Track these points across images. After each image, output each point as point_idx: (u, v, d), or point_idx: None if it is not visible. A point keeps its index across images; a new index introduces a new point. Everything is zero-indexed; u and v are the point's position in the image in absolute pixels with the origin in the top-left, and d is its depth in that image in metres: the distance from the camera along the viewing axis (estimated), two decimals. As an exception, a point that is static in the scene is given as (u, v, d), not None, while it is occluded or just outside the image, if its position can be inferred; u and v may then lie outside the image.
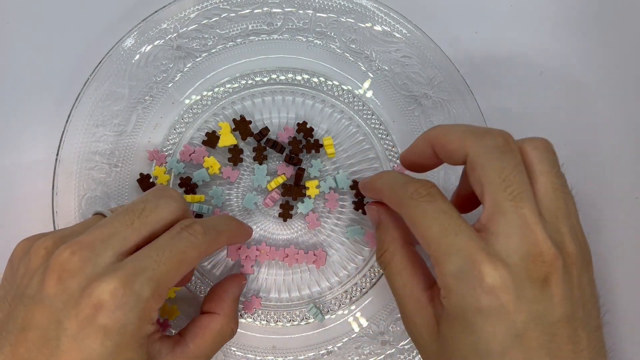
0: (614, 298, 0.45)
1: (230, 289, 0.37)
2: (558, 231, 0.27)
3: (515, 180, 0.27)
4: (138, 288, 0.27)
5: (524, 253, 0.26)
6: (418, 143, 0.32)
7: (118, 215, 0.30)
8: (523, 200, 0.26)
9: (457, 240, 0.27)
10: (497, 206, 0.27)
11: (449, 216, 0.28)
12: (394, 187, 0.31)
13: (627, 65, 0.46)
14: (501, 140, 0.28)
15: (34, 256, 0.29)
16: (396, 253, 0.32)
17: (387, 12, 0.42)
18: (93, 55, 0.41)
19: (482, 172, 0.27)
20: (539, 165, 0.28)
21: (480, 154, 0.28)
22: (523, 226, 0.26)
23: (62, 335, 0.26)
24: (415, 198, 0.29)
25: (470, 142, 0.28)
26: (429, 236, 0.28)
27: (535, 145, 0.29)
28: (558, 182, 0.28)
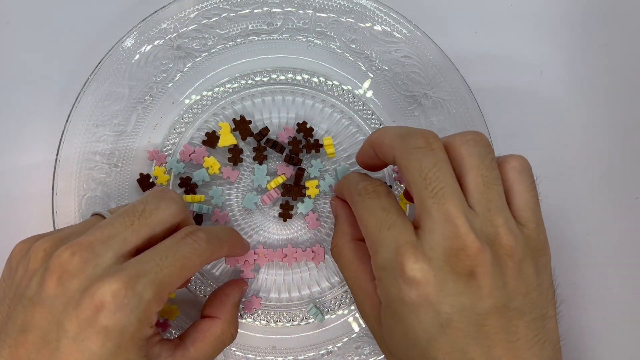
0: (613, 298, 0.45)
1: (232, 293, 0.37)
2: (492, 224, 0.27)
3: (434, 178, 0.27)
4: (140, 290, 0.27)
5: (446, 247, 0.27)
6: (364, 146, 0.34)
7: (118, 216, 0.30)
8: (445, 196, 0.27)
9: (388, 234, 0.28)
10: (422, 204, 0.28)
11: (387, 212, 0.29)
12: (350, 184, 0.33)
13: (627, 65, 0.46)
14: (422, 140, 0.29)
15: (33, 257, 0.29)
16: (344, 246, 0.34)
17: (387, 12, 0.42)
18: (93, 55, 0.41)
19: (407, 173, 0.28)
20: (468, 160, 0.28)
21: (403, 155, 0.29)
22: (446, 222, 0.27)
23: (62, 337, 0.26)
24: (362, 194, 0.31)
25: (396, 144, 0.29)
26: (367, 230, 0.30)
27: (464, 140, 0.29)
28: (488, 174, 0.28)
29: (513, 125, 0.45)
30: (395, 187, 0.43)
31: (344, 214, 0.36)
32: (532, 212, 0.29)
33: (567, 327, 0.44)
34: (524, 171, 0.30)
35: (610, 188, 0.45)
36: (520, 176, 0.29)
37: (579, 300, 0.44)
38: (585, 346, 0.44)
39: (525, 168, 0.30)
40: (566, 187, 0.45)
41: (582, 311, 0.44)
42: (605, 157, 0.46)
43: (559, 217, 0.45)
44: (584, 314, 0.44)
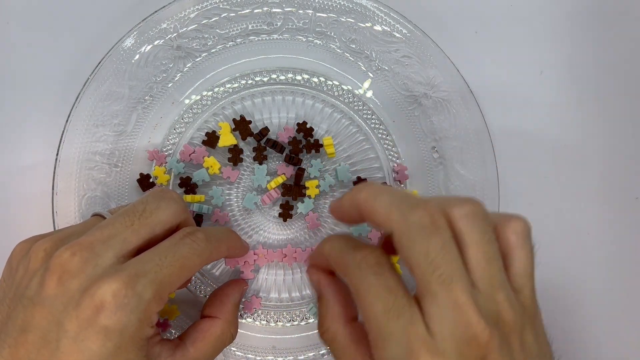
0: (613, 298, 0.45)
1: (232, 293, 0.37)
2: (494, 300, 0.26)
3: (443, 262, 0.26)
4: (140, 290, 0.27)
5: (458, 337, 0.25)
6: (345, 203, 0.30)
7: (118, 216, 0.30)
8: (453, 281, 0.25)
9: (397, 326, 0.26)
10: (427, 288, 0.26)
11: (395, 295, 0.26)
12: (342, 252, 0.29)
13: (627, 65, 0.46)
14: (427, 218, 0.26)
15: (34, 257, 0.29)
16: (338, 333, 0.30)
17: (387, 12, 0.42)
18: (93, 55, 0.41)
19: (409, 254, 0.26)
20: (469, 236, 0.27)
21: (405, 235, 0.26)
22: (455, 309, 0.25)
23: (62, 337, 0.26)
24: (362, 268, 0.28)
25: (395, 217, 0.27)
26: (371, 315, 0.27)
27: (463, 212, 0.27)
28: (490, 250, 0.27)
29: (513, 125, 0.45)
30: (395, 187, 0.43)
31: (331, 291, 0.32)
32: (529, 278, 0.28)
33: (567, 326, 0.44)
34: (526, 237, 0.29)
35: (610, 188, 0.45)
36: (522, 242, 0.28)
37: (579, 299, 0.44)
38: (585, 345, 0.44)
39: (527, 233, 0.29)
40: (566, 187, 0.45)
41: (582, 310, 0.44)
42: (605, 157, 0.46)
43: (559, 217, 0.45)
44: (584, 313, 0.44)
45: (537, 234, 0.45)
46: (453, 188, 0.42)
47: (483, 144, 0.42)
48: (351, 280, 0.28)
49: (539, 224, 0.45)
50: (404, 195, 0.28)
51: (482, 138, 0.42)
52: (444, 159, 0.43)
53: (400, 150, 0.43)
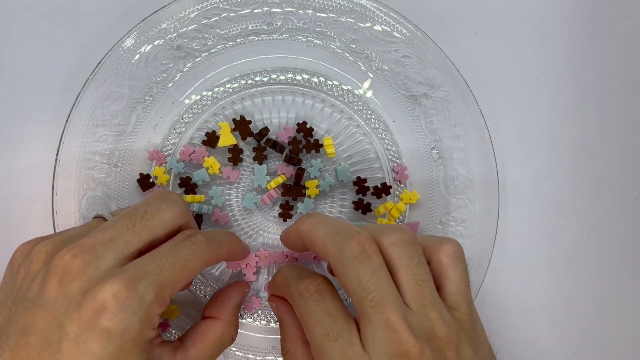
0: (613, 298, 0.45)
1: (233, 295, 0.37)
2: (427, 318, 0.29)
3: (374, 287, 0.28)
4: (142, 291, 0.27)
5: (391, 354, 0.27)
6: (291, 233, 0.33)
7: (119, 218, 0.30)
8: (384, 304, 0.28)
9: (336, 347, 0.28)
10: (362, 311, 0.28)
11: (334, 319, 0.29)
12: (289, 282, 0.32)
13: (626, 64, 0.46)
14: (357, 249, 0.29)
15: (35, 260, 0.29)
16: (297, 353, 0.33)
17: (387, 12, 0.42)
18: (93, 55, 0.41)
19: (344, 281, 0.29)
20: (398, 261, 0.29)
21: (339, 263, 0.29)
22: (387, 329, 0.28)
23: (64, 339, 0.26)
24: (304, 296, 0.30)
25: (329, 249, 0.30)
26: (312, 338, 0.29)
27: (392, 241, 0.30)
28: (419, 272, 0.29)
29: (513, 125, 0.45)
30: (395, 187, 0.43)
31: (289, 318, 0.34)
32: (463, 296, 0.31)
33: (569, 325, 0.44)
34: (457, 258, 0.31)
35: (610, 188, 0.45)
36: (454, 263, 0.31)
37: (579, 299, 0.45)
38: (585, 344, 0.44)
39: (458, 254, 0.31)
40: (566, 187, 0.45)
41: (582, 310, 0.44)
42: (605, 157, 0.46)
43: (558, 216, 0.45)
44: (584, 312, 0.44)
45: (538, 234, 0.46)
46: (453, 188, 0.42)
47: (483, 144, 0.42)
48: (296, 307, 0.31)
49: (539, 223, 0.46)
50: (340, 226, 0.30)
51: (482, 138, 0.42)
52: (444, 159, 0.43)
53: (400, 151, 0.43)
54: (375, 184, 0.42)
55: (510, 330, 0.44)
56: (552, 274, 0.45)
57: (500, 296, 0.44)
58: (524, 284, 0.44)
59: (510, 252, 0.44)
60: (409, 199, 0.42)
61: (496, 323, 0.44)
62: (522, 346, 0.44)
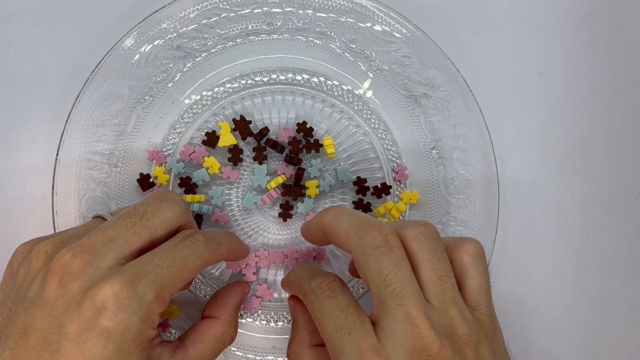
0: (613, 298, 0.45)
1: (233, 295, 0.37)
2: (447, 315, 0.28)
3: (395, 279, 0.28)
4: (141, 291, 0.27)
5: (409, 349, 0.27)
6: (312, 226, 0.33)
7: (119, 218, 0.30)
8: (405, 297, 0.27)
9: (350, 340, 0.28)
10: (382, 304, 0.28)
11: (346, 313, 0.29)
12: (302, 280, 0.32)
13: (627, 65, 0.46)
14: (380, 239, 0.29)
15: (35, 260, 0.29)
16: (302, 353, 0.33)
17: (387, 12, 0.42)
18: (93, 55, 0.41)
19: (365, 272, 0.29)
20: (420, 254, 0.29)
21: (361, 254, 0.29)
22: (407, 322, 0.27)
23: (63, 339, 0.26)
24: (316, 293, 0.30)
25: (352, 239, 0.30)
26: (326, 334, 0.29)
27: (414, 234, 0.29)
28: (442, 267, 0.29)
29: (513, 125, 0.45)
30: (395, 187, 0.43)
31: (302, 319, 0.35)
32: (484, 296, 0.30)
33: (569, 325, 0.44)
34: (479, 257, 0.31)
35: (610, 188, 0.45)
36: (475, 262, 0.31)
37: (579, 299, 0.45)
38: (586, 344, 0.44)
39: (480, 254, 0.31)
40: (566, 187, 0.45)
41: (582, 310, 0.44)
42: (605, 157, 0.46)
43: (558, 216, 0.45)
44: (584, 312, 0.44)
45: (538, 234, 0.46)
46: (453, 188, 0.42)
47: (483, 144, 0.42)
48: (309, 305, 0.31)
49: (539, 223, 0.46)
50: (363, 218, 0.30)
51: (482, 138, 0.42)
52: (444, 159, 0.43)
53: (400, 150, 0.43)
54: (375, 184, 0.42)
55: (510, 330, 0.44)
56: (552, 274, 0.45)
57: (500, 296, 0.44)
58: (524, 284, 0.44)
59: (510, 252, 0.44)
60: (409, 199, 0.42)
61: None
62: (522, 346, 0.44)
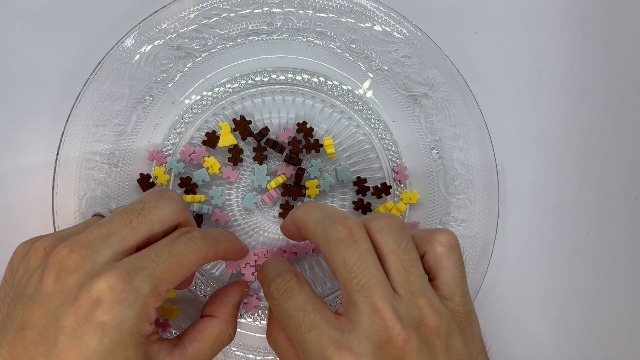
0: (613, 298, 0.45)
1: (232, 294, 0.37)
2: (416, 306, 0.28)
3: (360, 272, 0.28)
4: (137, 284, 0.27)
5: (375, 340, 0.27)
6: (287, 220, 0.34)
7: (117, 214, 0.30)
8: (370, 288, 0.28)
9: (310, 337, 0.28)
10: (348, 296, 0.28)
11: (303, 312, 0.29)
12: (263, 285, 0.33)
13: (627, 65, 0.46)
14: (344, 232, 0.29)
15: (34, 256, 0.29)
16: (279, 336, 0.33)
17: (387, 12, 0.42)
18: (93, 55, 0.41)
19: (331, 264, 0.29)
20: (385, 246, 0.29)
21: (326, 247, 0.29)
22: (372, 313, 0.27)
23: (60, 333, 0.26)
24: (275, 297, 0.31)
25: (319, 233, 0.30)
26: (291, 335, 0.30)
27: (379, 227, 0.30)
28: (407, 258, 0.29)
29: (513, 125, 0.45)
30: (395, 187, 0.43)
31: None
32: (458, 286, 0.30)
33: (568, 325, 0.44)
34: (452, 248, 0.31)
35: (610, 188, 0.45)
36: (448, 253, 0.31)
37: (579, 299, 0.45)
38: (586, 344, 0.44)
39: (453, 244, 0.31)
40: (566, 187, 0.45)
41: (582, 310, 0.44)
42: (605, 157, 0.46)
43: (558, 216, 0.45)
44: (584, 312, 0.44)
45: (537, 234, 0.46)
46: (453, 188, 0.42)
47: (483, 144, 0.42)
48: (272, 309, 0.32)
49: (539, 223, 0.46)
50: (331, 212, 0.31)
51: (482, 138, 0.42)
52: (444, 159, 0.43)
53: (400, 150, 0.43)
54: (375, 184, 0.42)
55: (510, 330, 0.44)
56: (552, 274, 0.45)
57: (500, 296, 0.44)
58: (524, 284, 0.44)
59: (510, 252, 0.44)
60: (409, 199, 0.42)
61: (496, 323, 0.44)
62: (522, 346, 0.44)
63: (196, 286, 0.41)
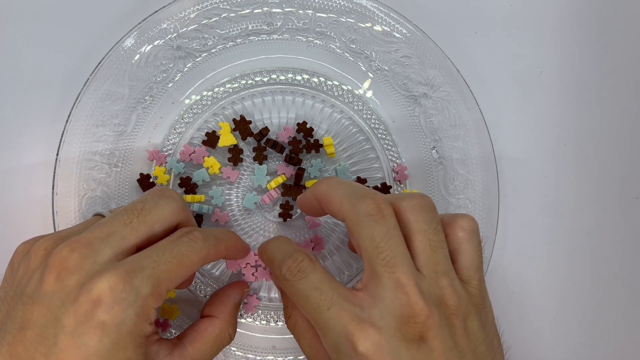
0: (613, 298, 0.45)
1: (232, 294, 0.37)
2: (437, 285, 0.29)
3: (386, 247, 0.28)
4: (137, 284, 0.27)
5: (397, 315, 0.27)
6: (307, 195, 0.34)
7: (117, 214, 0.30)
8: (396, 264, 0.28)
9: (330, 315, 0.28)
10: (372, 271, 0.28)
11: (320, 291, 0.29)
12: (272, 267, 0.32)
13: (626, 65, 0.46)
14: (373, 207, 0.29)
15: (34, 256, 0.29)
16: (298, 319, 0.34)
17: (387, 12, 0.42)
18: (93, 55, 0.41)
19: (358, 239, 0.29)
20: (416, 225, 0.29)
21: (354, 221, 0.29)
22: (397, 289, 0.28)
23: (60, 333, 0.26)
24: (288, 278, 0.30)
25: (345, 207, 0.30)
26: (308, 315, 0.30)
27: (411, 205, 0.30)
28: (435, 238, 0.30)
29: (513, 125, 0.45)
30: (395, 188, 0.43)
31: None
32: (476, 271, 0.31)
33: (569, 325, 0.44)
34: (473, 232, 0.31)
35: (610, 188, 0.45)
36: (469, 237, 0.31)
37: (579, 299, 0.45)
38: (586, 344, 0.44)
39: (474, 229, 0.32)
40: (566, 187, 0.45)
41: (582, 310, 0.44)
42: (605, 157, 0.46)
43: (558, 216, 0.45)
44: (584, 312, 0.44)
45: (537, 234, 0.46)
46: (453, 188, 0.42)
47: (483, 144, 0.42)
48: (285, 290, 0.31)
49: (539, 223, 0.46)
50: (357, 188, 0.31)
51: (482, 138, 0.42)
52: (444, 159, 0.43)
53: (400, 150, 0.43)
54: (375, 184, 0.42)
55: (510, 330, 0.44)
56: (552, 274, 0.45)
57: (500, 296, 0.44)
58: (524, 284, 0.44)
59: (510, 252, 0.44)
60: (409, 199, 0.42)
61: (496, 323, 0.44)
62: (522, 346, 0.44)
63: (196, 286, 0.41)
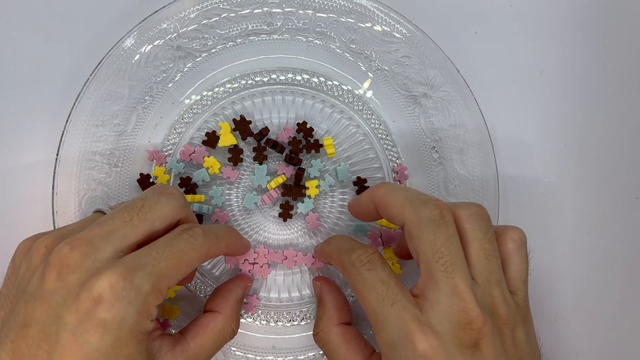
0: (613, 298, 0.45)
1: (235, 289, 0.37)
2: (490, 294, 0.29)
3: (447, 253, 0.29)
4: (138, 282, 0.27)
5: (454, 321, 0.28)
6: (363, 198, 0.34)
7: (117, 212, 0.30)
8: (455, 270, 0.28)
9: (392, 311, 0.29)
10: (430, 275, 0.29)
11: (387, 286, 0.30)
12: (340, 253, 0.33)
13: (627, 65, 0.46)
14: (436, 213, 0.30)
15: (35, 253, 0.29)
16: (330, 332, 0.34)
17: (387, 12, 0.42)
18: (93, 55, 0.41)
19: (418, 243, 0.29)
20: (472, 233, 0.30)
21: (415, 225, 0.30)
22: (454, 295, 0.28)
23: (62, 330, 0.26)
24: (356, 266, 0.31)
25: (407, 211, 0.30)
26: (367, 305, 0.30)
27: (469, 213, 0.30)
28: (490, 247, 0.30)
29: (513, 125, 0.45)
30: (395, 187, 0.43)
31: (330, 298, 0.36)
32: (523, 282, 0.32)
33: (569, 325, 0.44)
34: (522, 245, 0.32)
35: (611, 188, 0.45)
36: (519, 249, 0.32)
37: (579, 299, 0.45)
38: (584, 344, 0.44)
39: (523, 242, 0.32)
40: (566, 187, 0.45)
41: (583, 310, 0.44)
42: (605, 157, 0.46)
43: (558, 216, 0.45)
44: (584, 312, 0.44)
45: (537, 234, 0.46)
46: (453, 188, 0.42)
47: (483, 144, 0.42)
48: (349, 277, 0.32)
49: (539, 223, 0.46)
50: (418, 193, 0.32)
51: (482, 138, 0.42)
52: (444, 159, 0.43)
53: (400, 150, 0.43)
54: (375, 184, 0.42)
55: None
56: (552, 274, 0.45)
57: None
58: (524, 283, 0.44)
59: (511, 252, 0.44)
60: (409, 199, 0.42)
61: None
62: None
63: (196, 286, 0.41)
